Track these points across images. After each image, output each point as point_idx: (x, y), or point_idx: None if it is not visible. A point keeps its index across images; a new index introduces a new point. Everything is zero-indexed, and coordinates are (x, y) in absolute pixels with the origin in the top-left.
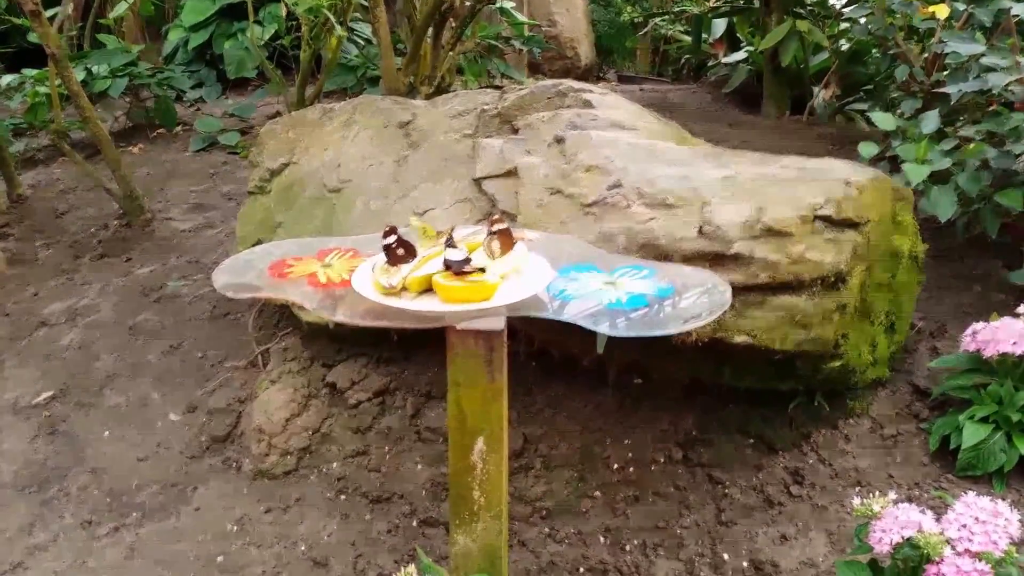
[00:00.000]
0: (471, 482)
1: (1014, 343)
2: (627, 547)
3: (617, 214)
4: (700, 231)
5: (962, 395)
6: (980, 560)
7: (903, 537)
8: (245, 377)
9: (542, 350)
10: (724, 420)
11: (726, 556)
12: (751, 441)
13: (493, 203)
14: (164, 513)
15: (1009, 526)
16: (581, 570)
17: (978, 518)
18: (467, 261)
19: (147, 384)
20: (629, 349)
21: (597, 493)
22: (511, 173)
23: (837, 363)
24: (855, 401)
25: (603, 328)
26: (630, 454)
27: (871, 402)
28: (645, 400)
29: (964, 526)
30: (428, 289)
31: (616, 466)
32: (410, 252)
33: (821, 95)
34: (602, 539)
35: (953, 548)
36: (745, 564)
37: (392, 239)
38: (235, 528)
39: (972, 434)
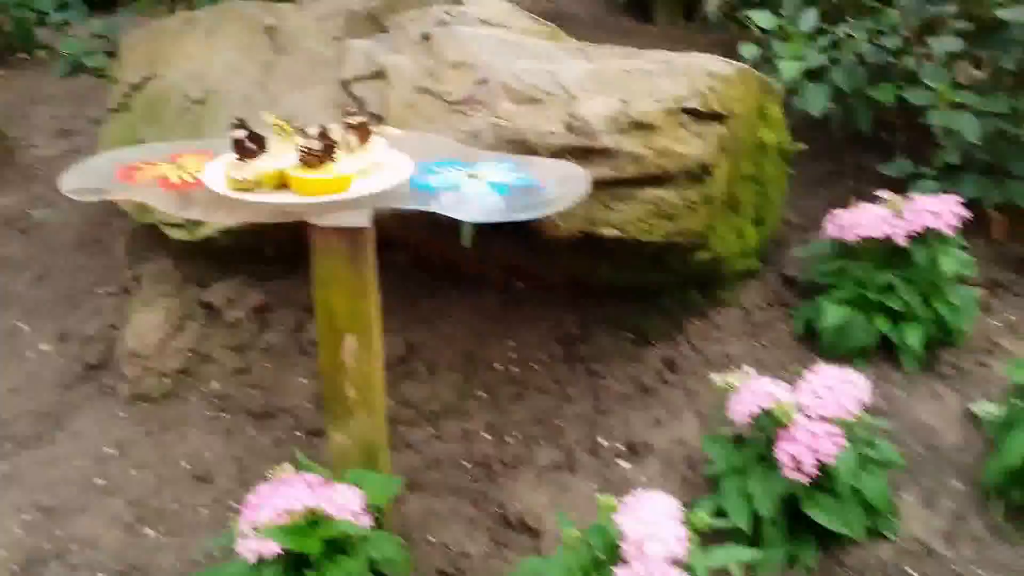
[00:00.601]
0: (342, 380)
1: (873, 227)
2: (509, 440)
3: (484, 111)
4: (567, 126)
5: (826, 280)
6: (831, 424)
7: (760, 407)
8: (117, 303)
9: (423, 258)
10: (603, 317)
11: (603, 441)
12: (628, 335)
13: (362, 105)
14: (40, 442)
15: (859, 392)
16: (466, 464)
17: (829, 386)
18: (329, 144)
19: (15, 315)
20: (506, 251)
21: (481, 393)
22: (379, 74)
23: (706, 254)
24: (725, 292)
25: (465, 215)
26: (513, 355)
27: (741, 292)
28: (527, 303)
29: (815, 394)
30: (283, 186)
31: (499, 367)
32: (261, 146)
33: (712, 1)
34: (485, 435)
35: (806, 415)
36: (620, 446)
37: (242, 132)
38: (114, 452)
39: (833, 315)
